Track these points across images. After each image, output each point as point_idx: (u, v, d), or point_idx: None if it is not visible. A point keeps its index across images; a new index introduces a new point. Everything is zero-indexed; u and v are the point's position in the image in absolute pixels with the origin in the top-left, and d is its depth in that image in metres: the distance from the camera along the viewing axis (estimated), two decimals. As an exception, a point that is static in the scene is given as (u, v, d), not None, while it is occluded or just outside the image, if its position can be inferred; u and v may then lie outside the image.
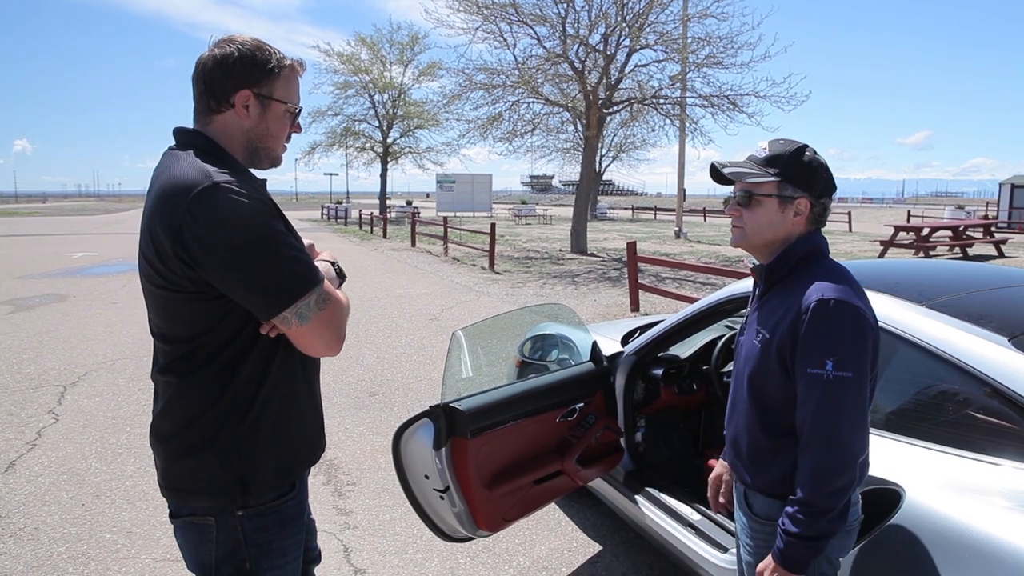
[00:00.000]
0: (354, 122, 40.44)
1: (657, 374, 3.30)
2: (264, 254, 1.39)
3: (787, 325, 1.65)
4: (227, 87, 1.51)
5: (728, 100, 17.89)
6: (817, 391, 1.56)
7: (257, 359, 1.50)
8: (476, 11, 18.19)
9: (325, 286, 1.48)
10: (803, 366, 1.60)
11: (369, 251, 21.06)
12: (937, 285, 2.59)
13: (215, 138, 1.53)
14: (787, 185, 1.72)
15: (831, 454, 1.56)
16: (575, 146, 35.43)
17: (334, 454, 4.70)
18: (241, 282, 1.39)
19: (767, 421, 1.75)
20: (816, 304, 1.58)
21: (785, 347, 1.65)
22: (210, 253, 1.36)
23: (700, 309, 2.99)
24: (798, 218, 1.74)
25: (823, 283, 1.62)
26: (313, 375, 1.70)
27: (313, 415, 1.70)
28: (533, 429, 2.75)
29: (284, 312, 1.41)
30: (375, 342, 8.14)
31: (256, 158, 1.60)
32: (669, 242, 24.66)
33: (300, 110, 1.64)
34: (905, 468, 1.94)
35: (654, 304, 10.28)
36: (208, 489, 1.49)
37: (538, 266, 16.55)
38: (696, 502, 2.97)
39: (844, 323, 1.57)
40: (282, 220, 1.48)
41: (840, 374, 1.55)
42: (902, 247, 19.10)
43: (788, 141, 1.76)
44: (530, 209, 46.70)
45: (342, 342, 1.54)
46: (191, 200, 1.36)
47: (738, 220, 1.80)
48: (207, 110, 1.54)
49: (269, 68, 1.53)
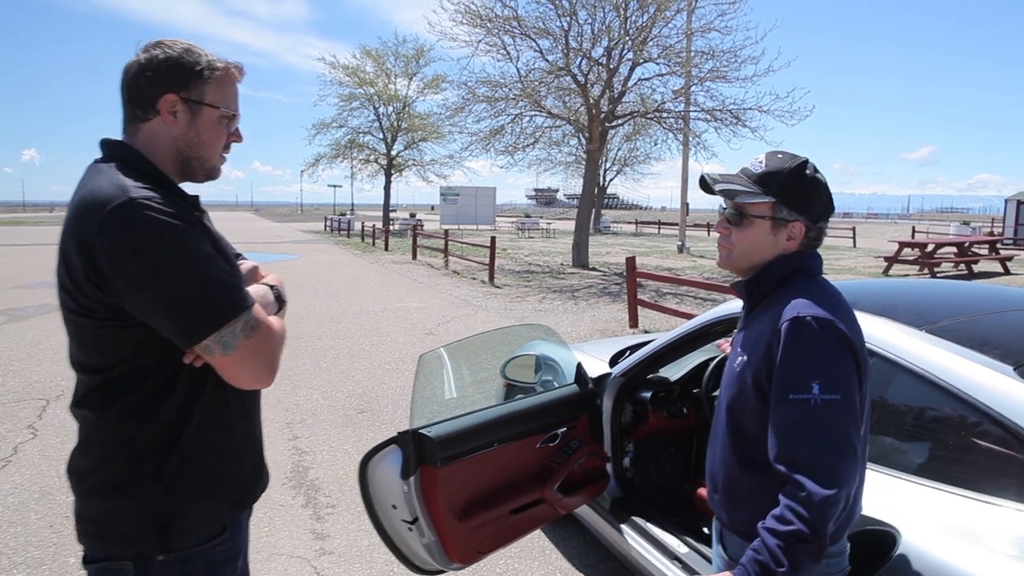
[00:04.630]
0: (359, 134, 40.51)
1: (645, 397, 3.16)
2: (182, 277, 1.26)
3: (762, 348, 1.51)
4: (152, 92, 1.39)
5: (731, 114, 17.79)
6: (805, 417, 1.41)
7: (184, 390, 1.37)
8: (479, 24, 18.16)
9: (255, 312, 1.35)
10: (784, 392, 1.44)
11: (369, 263, 20.96)
12: (938, 307, 2.44)
13: (142, 149, 1.41)
14: (782, 207, 1.57)
15: (822, 483, 1.37)
16: (578, 159, 35.44)
17: (316, 474, 4.55)
18: (157, 308, 1.26)
19: (745, 454, 1.61)
20: (790, 323, 1.45)
21: (761, 372, 1.51)
22: (122, 275, 1.24)
23: (690, 330, 2.85)
24: (791, 242, 1.60)
25: (799, 300, 1.49)
26: (251, 406, 1.57)
27: (250, 450, 1.57)
28: (511, 456, 2.60)
29: (206, 340, 1.28)
30: (368, 357, 8.00)
31: (189, 169, 1.47)
32: (672, 257, 24.51)
33: (235, 116, 1.51)
34: (901, 507, 1.79)
35: (654, 321, 10.13)
36: (125, 533, 1.35)
37: (538, 280, 16.41)
38: (685, 534, 2.81)
39: (823, 341, 1.43)
40: (210, 240, 1.36)
41: (828, 397, 1.40)
42: (906, 263, 18.91)
43: (787, 155, 1.61)
44: (533, 222, 46.64)
45: (273, 373, 1.40)
46: (104, 217, 1.23)
47: (726, 239, 1.66)
48: (133, 119, 1.42)
49: (198, 71, 1.42)
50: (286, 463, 4.72)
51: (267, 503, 4.08)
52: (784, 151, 1.65)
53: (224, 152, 1.53)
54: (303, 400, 6.25)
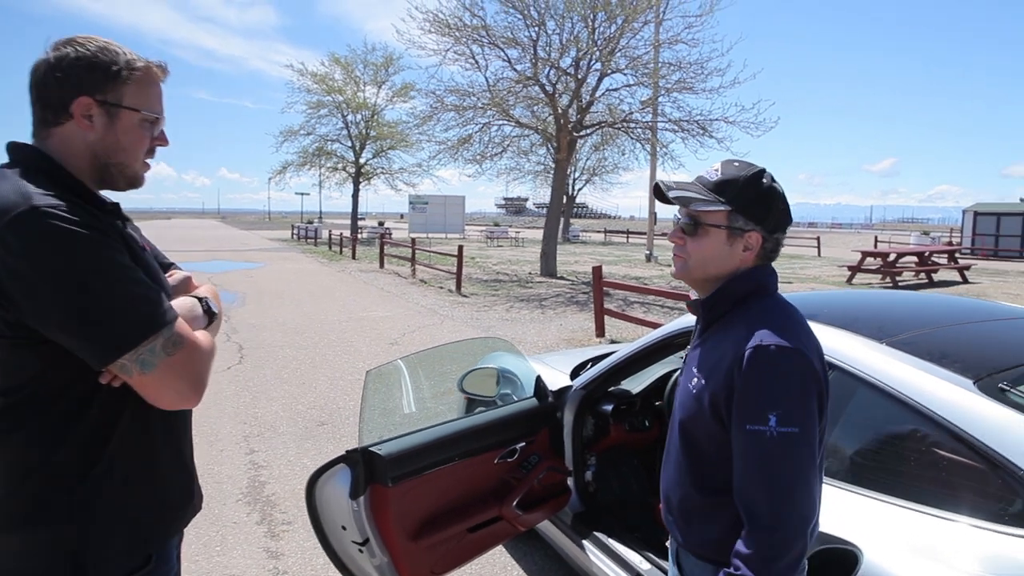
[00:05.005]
0: (327, 142, 39.99)
1: (607, 410, 3.10)
2: (92, 291, 1.17)
3: (723, 373, 1.45)
4: (63, 94, 1.28)
5: (698, 125, 17.93)
6: (759, 450, 1.37)
7: (100, 412, 1.26)
8: (448, 33, 18.10)
9: (177, 328, 1.26)
10: (741, 422, 1.40)
11: (336, 272, 20.72)
12: (900, 320, 2.42)
13: (54, 154, 1.30)
14: (738, 216, 1.52)
15: (779, 523, 1.35)
16: (547, 169, 35.49)
17: (273, 489, 4.41)
18: (65, 325, 1.16)
19: (699, 475, 1.55)
20: (753, 351, 1.39)
21: (719, 397, 1.45)
22: (25, 291, 1.14)
23: (652, 342, 2.80)
24: (747, 253, 1.54)
25: (763, 327, 1.43)
26: (180, 425, 1.46)
27: (179, 473, 1.46)
28: (467, 472, 2.52)
29: (121, 359, 1.19)
30: (330, 367, 7.85)
31: (108, 177, 1.37)
32: (640, 265, 24.63)
33: (159, 119, 1.40)
34: (863, 525, 1.75)
35: (620, 330, 10.12)
36: (37, 570, 1.24)
37: (506, 289, 16.34)
38: (647, 549, 2.75)
39: (786, 372, 1.38)
40: (128, 251, 1.26)
41: (785, 430, 1.35)
42: (869, 272, 19.24)
43: (744, 164, 1.56)
44: (502, 231, 46.63)
45: (200, 392, 1.30)
46: (4, 227, 1.14)
47: (681, 249, 1.60)
48: (43, 122, 1.31)
49: (115, 71, 1.31)
50: (242, 478, 4.57)
51: (219, 520, 3.94)
52: (741, 160, 1.61)
53: (148, 157, 1.43)
54: (262, 412, 6.09)
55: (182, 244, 32.85)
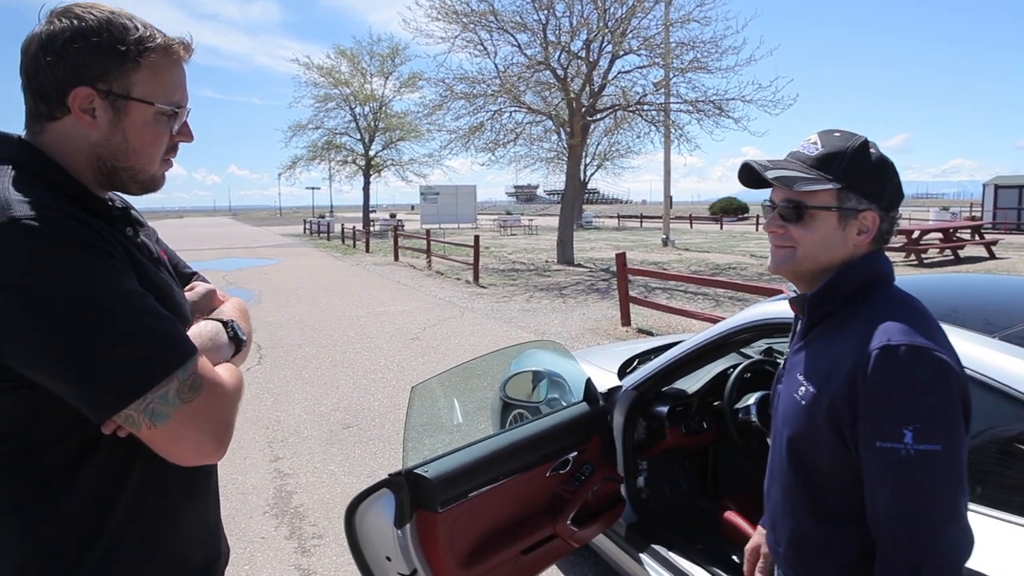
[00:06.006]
0: (335, 135, 39.84)
1: (662, 412, 2.86)
2: (85, 325, 0.92)
3: (842, 379, 1.22)
4: (57, 83, 1.01)
5: (714, 105, 17.56)
6: (894, 472, 1.15)
7: (105, 465, 1.03)
8: (455, 19, 17.81)
9: (198, 366, 1.00)
10: (871, 438, 1.17)
11: (350, 266, 20.54)
12: (1002, 309, 2.16)
13: (48, 150, 1.05)
14: (850, 194, 1.29)
15: (922, 560, 1.13)
16: (559, 155, 35.17)
17: (300, 500, 4.21)
18: (53, 369, 0.93)
19: (816, 501, 1.32)
20: (881, 352, 1.17)
21: (839, 408, 1.23)
22: (3, 326, 0.90)
23: (709, 339, 2.56)
24: (862, 237, 1.32)
25: (889, 323, 1.20)
26: (200, 477, 1.21)
27: (204, 531, 1.22)
28: (519, 489, 2.29)
29: (126, 410, 0.94)
30: (352, 365, 7.64)
31: (116, 180, 1.10)
32: (657, 250, 24.29)
33: (180, 110, 1.12)
34: (1007, 555, 1.50)
35: (645, 317, 9.86)
36: None
37: (524, 278, 16.09)
38: (712, 564, 2.52)
39: (923, 377, 1.15)
40: (133, 272, 1.01)
41: (925, 447, 1.13)
42: (892, 250, 18.83)
43: (846, 134, 1.33)
44: (515, 220, 46.31)
45: (225, 443, 1.04)
46: None
47: (783, 238, 1.36)
48: (36, 115, 1.05)
49: (121, 52, 1.03)
50: (267, 488, 4.38)
51: (246, 536, 3.75)
52: (841, 129, 1.36)
53: (169, 155, 1.15)
54: (284, 415, 5.90)
55: (195, 243, 32.80)
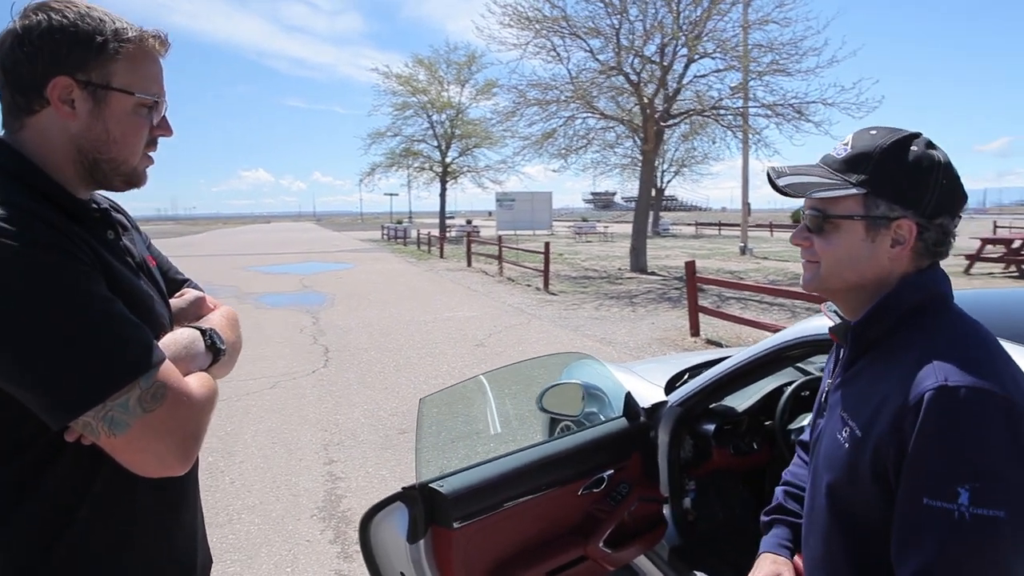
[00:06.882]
0: (413, 142, 40.55)
1: (708, 430, 2.70)
2: (42, 330, 0.90)
3: (887, 421, 1.05)
4: (36, 74, 1.01)
5: (793, 108, 16.94)
6: (944, 538, 0.97)
7: (66, 475, 0.99)
8: (527, 26, 17.81)
9: (160, 375, 0.97)
10: (916, 493, 1.00)
11: (423, 271, 20.80)
12: None
13: (26, 150, 1.04)
14: (877, 200, 1.12)
15: None
16: (633, 161, 34.69)
17: (348, 504, 4.22)
18: (7, 372, 0.90)
19: (857, 556, 1.15)
20: (936, 394, 0.99)
21: (885, 454, 1.05)
22: None
23: (759, 354, 2.39)
24: (898, 249, 1.13)
25: (947, 356, 1.02)
26: (177, 484, 1.16)
27: (181, 540, 1.17)
28: (546, 507, 2.19)
29: (84, 416, 0.91)
30: (414, 371, 7.67)
31: (99, 175, 1.09)
32: (734, 259, 23.64)
33: (158, 103, 1.11)
34: None
35: (716, 328, 9.55)
36: None
37: (595, 286, 15.91)
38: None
39: (985, 426, 0.97)
40: (102, 275, 0.99)
41: (983, 512, 0.94)
42: (988, 261, 17.68)
43: (884, 130, 1.16)
44: (590, 226, 46.06)
45: (190, 457, 1.01)
46: None
47: (809, 252, 1.21)
48: (15, 109, 1.04)
49: (99, 43, 1.03)
50: (318, 491, 4.40)
51: (292, 537, 3.77)
52: (880, 126, 1.18)
53: (148, 150, 1.14)
54: (343, 419, 5.95)
55: (280, 247, 33.98)
